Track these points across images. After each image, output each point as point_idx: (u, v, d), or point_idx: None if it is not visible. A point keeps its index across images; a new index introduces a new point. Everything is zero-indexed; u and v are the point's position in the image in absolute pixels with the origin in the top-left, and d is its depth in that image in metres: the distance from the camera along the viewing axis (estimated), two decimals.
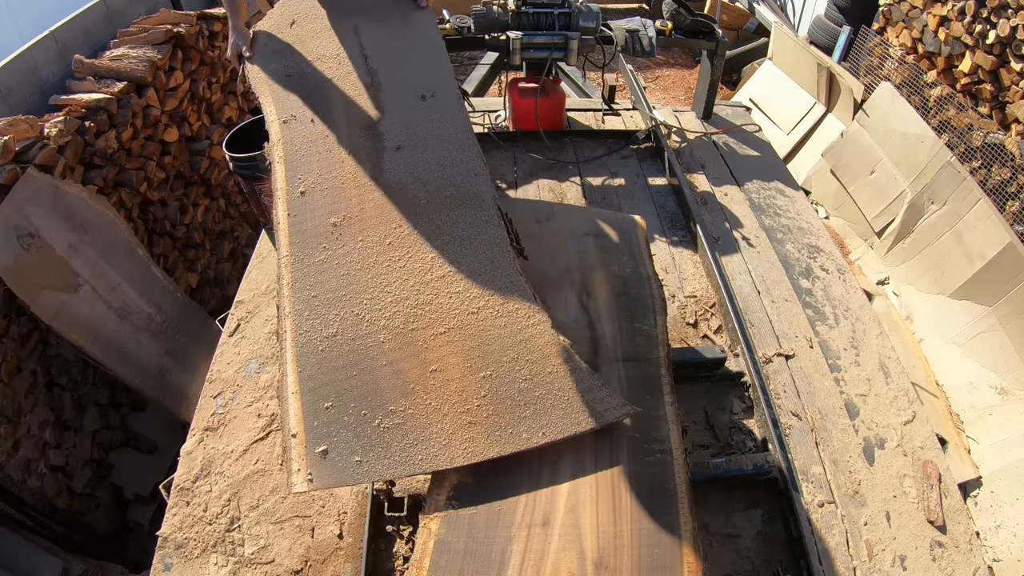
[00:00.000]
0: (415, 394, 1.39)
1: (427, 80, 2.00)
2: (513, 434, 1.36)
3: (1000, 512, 3.33)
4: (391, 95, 1.97)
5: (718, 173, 3.40)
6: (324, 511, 1.86)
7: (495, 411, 1.38)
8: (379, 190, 1.74)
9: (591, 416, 1.40)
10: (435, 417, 1.37)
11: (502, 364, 1.43)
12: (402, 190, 1.74)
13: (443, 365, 1.43)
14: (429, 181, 1.76)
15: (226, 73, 4.69)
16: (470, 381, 1.41)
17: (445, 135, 1.86)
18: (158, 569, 1.75)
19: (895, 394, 2.27)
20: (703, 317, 2.57)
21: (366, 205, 1.70)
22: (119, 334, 3.41)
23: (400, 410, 1.37)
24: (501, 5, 3.25)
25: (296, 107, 1.95)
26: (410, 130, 1.88)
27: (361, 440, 1.33)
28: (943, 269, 4.28)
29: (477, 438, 1.36)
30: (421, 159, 1.81)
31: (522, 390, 1.41)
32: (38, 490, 3.11)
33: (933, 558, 1.84)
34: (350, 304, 1.51)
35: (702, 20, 3.50)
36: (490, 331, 1.48)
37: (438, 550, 1.31)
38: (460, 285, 1.55)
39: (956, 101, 5.00)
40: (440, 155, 1.82)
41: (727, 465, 1.96)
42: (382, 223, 1.66)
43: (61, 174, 3.26)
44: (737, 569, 1.82)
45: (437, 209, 1.69)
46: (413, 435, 1.35)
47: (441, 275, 1.56)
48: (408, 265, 1.58)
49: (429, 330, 1.47)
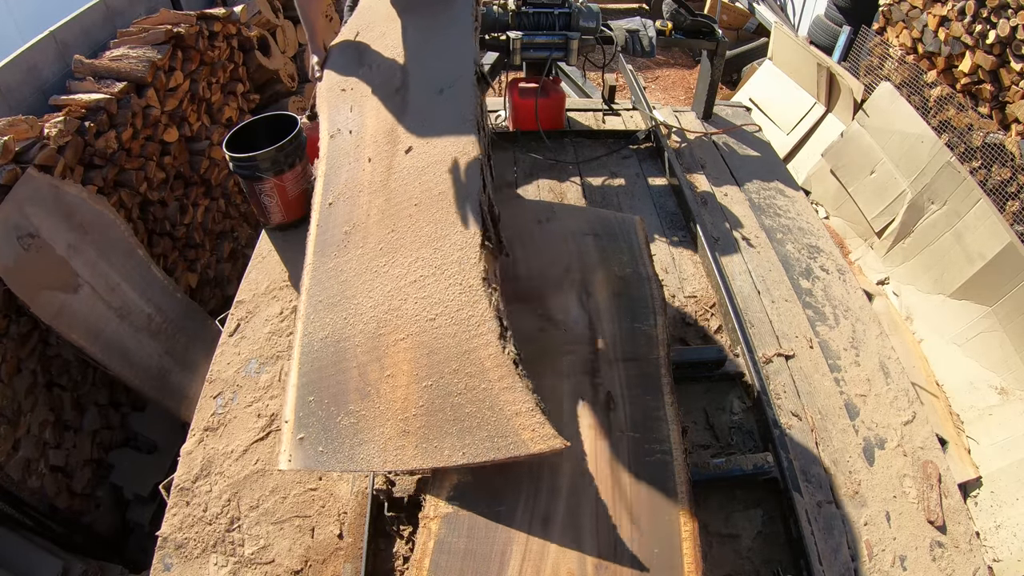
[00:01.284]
0: (370, 397, 1.42)
1: (449, 71, 2.01)
2: (437, 448, 1.34)
3: (1000, 512, 3.33)
4: (415, 94, 1.99)
5: (718, 173, 3.40)
6: (324, 511, 1.86)
7: (427, 423, 1.37)
8: (384, 195, 1.76)
9: (513, 444, 1.30)
10: (379, 422, 1.39)
11: (443, 375, 1.40)
12: (403, 193, 1.75)
13: (396, 371, 1.44)
14: (425, 181, 1.76)
15: (226, 73, 4.69)
16: (413, 390, 1.41)
17: (448, 129, 1.86)
18: (158, 569, 1.75)
19: (895, 394, 2.27)
20: (703, 317, 2.57)
21: (372, 212, 1.74)
22: (119, 334, 3.41)
23: (356, 411, 1.42)
24: (501, 5, 3.25)
25: (342, 120, 2.01)
26: (422, 129, 1.89)
27: (325, 433, 1.41)
28: (943, 269, 4.28)
29: (407, 447, 1.36)
30: (424, 159, 1.81)
31: (455, 404, 1.37)
32: (38, 490, 3.11)
33: (933, 558, 1.84)
34: (342, 309, 1.58)
35: (702, 20, 3.50)
36: (441, 340, 1.45)
37: (438, 550, 1.31)
38: (427, 291, 1.53)
39: (956, 101, 5.00)
40: (439, 151, 1.82)
41: (727, 465, 1.96)
42: (381, 229, 1.69)
43: (61, 174, 3.26)
44: (737, 569, 1.82)
45: (424, 210, 1.69)
46: (360, 436, 1.39)
47: (413, 280, 1.56)
48: (391, 271, 1.60)
49: (392, 335, 1.49)
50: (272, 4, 5.43)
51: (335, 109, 2.06)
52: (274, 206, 2.78)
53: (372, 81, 2.09)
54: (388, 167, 1.82)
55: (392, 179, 1.79)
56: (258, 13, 5.20)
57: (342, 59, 2.23)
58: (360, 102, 2.04)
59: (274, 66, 5.19)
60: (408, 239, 1.64)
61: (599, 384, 1.62)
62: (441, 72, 2.02)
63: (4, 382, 2.96)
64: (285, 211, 2.82)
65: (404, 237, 1.65)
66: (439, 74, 2.01)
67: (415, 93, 1.99)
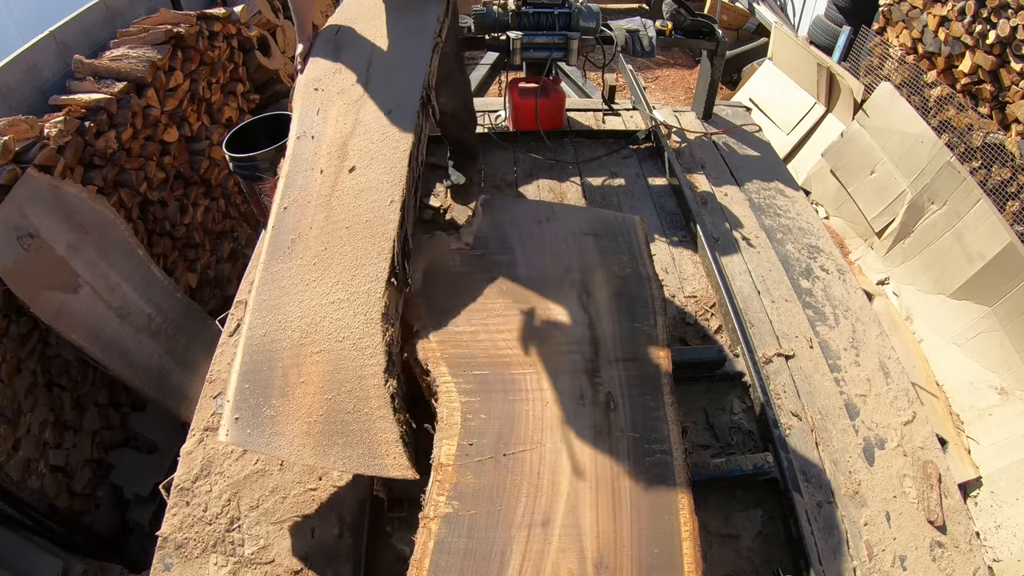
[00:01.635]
0: (287, 397, 1.62)
1: (399, 89, 2.03)
2: (326, 454, 1.53)
3: (1000, 512, 3.33)
4: (369, 109, 2.00)
5: (718, 173, 3.40)
6: (324, 511, 1.86)
7: (323, 430, 1.55)
8: (325, 212, 1.83)
9: (378, 466, 1.51)
10: (291, 419, 1.59)
11: (341, 393, 1.59)
12: (340, 213, 1.81)
13: (308, 380, 1.63)
14: (358, 206, 1.81)
15: (226, 73, 4.69)
16: (318, 399, 1.60)
17: (387, 155, 1.89)
18: (158, 569, 1.75)
19: (895, 394, 2.27)
20: (703, 317, 2.57)
21: (314, 225, 1.82)
22: (119, 334, 3.41)
23: (276, 406, 1.62)
24: (501, 5, 3.25)
25: (308, 123, 2.02)
26: (367, 148, 1.92)
27: (254, 419, 1.62)
28: (943, 269, 4.28)
29: (307, 446, 1.55)
30: (361, 182, 1.85)
31: (343, 420, 1.55)
32: (38, 490, 3.11)
33: (933, 558, 1.84)
34: (279, 313, 1.74)
35: (702, 20, 3.50)
36: (344, 361, 1.61)
37: (438, 550, 1.31)
38: (340, 314, 1.67)
39: (956, 101, 5.00)
40: (374, 178, 1.86)
41: (727, 465, 1.96)
42: (317, 244, 1.79)
43: (61, 174, 3.26)
44: (737, 569, 1.82)
45: (352, 235, 1.77)
46: (276, 428, 1.60)
47: (332, 301, 1.70)
48: (318, 287, 1.73)
49: (311, 347, 1.66)
50: (272, 4, 5.43)
51: (305, 109, 2.07)
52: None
53: (340, 85, 2.09)
54: (333, 183, 1.87)
55: (335, 196, 1.85)
56: (258, 13, 5.20)
57: (322, 53, 2.22)
58: (326, 106, 2.05)
59: (274, 66, 5.19)
60: (336, 260, 1.75)
61: (599, 384, 1.62)
62: (394, 90, 2.03)
63: (4, 382, 2.96)
64: None
65: (333, 257, 1.76)
66: (392, 92, 2.03)
67: (369, 108, 2.00)
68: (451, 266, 1.88)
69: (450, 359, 1.63)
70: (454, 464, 1.44)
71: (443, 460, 1.44)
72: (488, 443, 1.48)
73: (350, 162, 1.90)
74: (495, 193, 3.21)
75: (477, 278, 1.85)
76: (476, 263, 1.89)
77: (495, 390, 1.58)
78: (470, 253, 1.92)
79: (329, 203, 1.84)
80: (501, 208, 2.08)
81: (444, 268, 1.87)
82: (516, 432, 1.50)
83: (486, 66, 4.91)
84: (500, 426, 1.51)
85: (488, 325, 1.72)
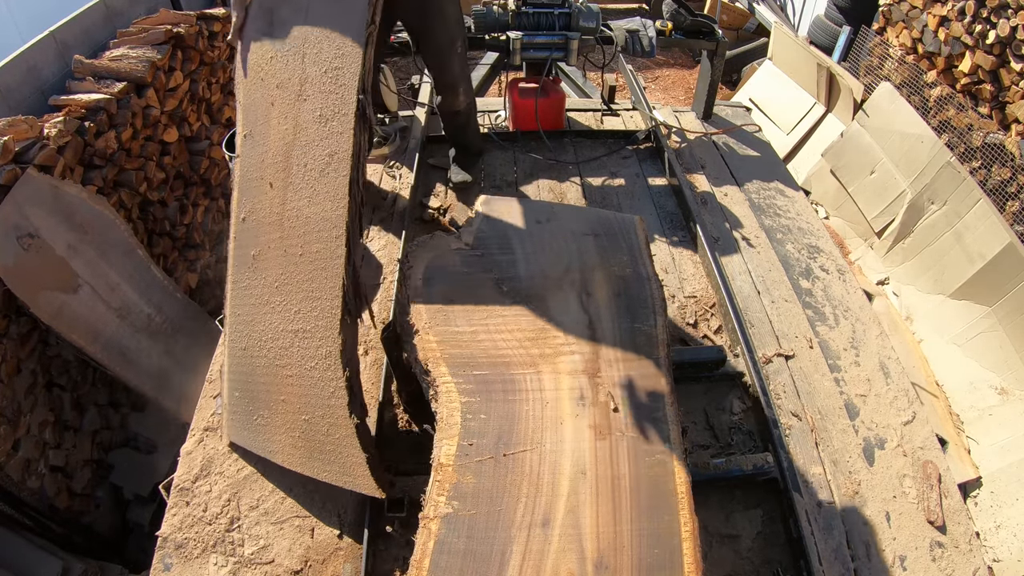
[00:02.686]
0: (272, 411, 1.79)
1: (335, 98, 1.72)
2: (311, 466, 1.75)
3: (1000, 512, 3.33)
4: (306, 114, 1.75)
5: (718, 173, 3.40)
6: (324, 511, 1.86)
7: (305, 444, 1.75)
8: (279, 232, 1.78)
9: (352, 483, 1.68)
10: (279, 431, 1.79)
11: (315, 415, 1.71)
12: (293, 236, 1.74)
13: (287, 399, 1.76)
14: (307, 232, 1.72)
15: (226, 73, 4.69)
16: (297, 418, 1.74)
17: (329, 181, 1.69)
18: (158, 569, 1.75)
19: (895, 394, 2.27)
20: (703, 317, 2.57)
21: (272, 244, 1.80)
22: (119, 334, 3.41)
23: (265, 416, 1.81)
24: (501, 5, 3.25)
25: (253, 119, 1.85)
26: (306, 167, 1.73)
27: (247, 423, 1.82)
28: (943, 269, 4.28)
29: (295, 455, 1.77)
30: (306, 204, 1.72)
31: (320, 440, 1.71)
32: (38, 490, 3.11)
33: (933, 558, 1.84)
34: (253, 330, 1.82)
35: (702, 20, 3.50)
36: (314, 387, 1.70)
37: (438, 550, 1.31)
38: (305, 343, 1.71)
39: (956, 101, 5.00)
40: (319, 203, 1.70)
41: (727, 465, 1.96)
42: (276, 267, 1.78)
43: (61, 174, 3.26)
44: (737, 569, 1.82)
45: (306, 263, 1.73)
46: (267, 435, 1.81)
47: (295, 329, 1.73)
48: (282, 312, 1.76)
49: (284, 370, 1.76)
50: None
51: (249, 101, 1.84)
52: None
53: (278, 76, 1.81)
54: (283, 200, 1.76)
55: (286, 216, 1.75)
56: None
57: (256, 31, 1.89)
58: (267, 102, 1.80)
59: None
60: (295, 287, 1.74)
61: (599, 384, 1.62)
62: (329, 95, 1.73)
63: (4, 382, 2.96)
64: None
65: (292, 283, 1.75)
66: (327, 97, 1.73)
67: (307, 113, 1.74)
68: (451, 266, 1.88)
69: (450, 359, 1.63)
70: (454, 464, 1.43)
71: (443, 460, 1.44)
72: (488, 443, 1.47)
73: (295, 176, 1.74)
74: (495, 193, 3.21)
75: (477, 278, 1.85)
76: (476, 263, 1.89)
77: (495, 390, 1.58)
78: (470, 253, 1.92)
79: (282, 223, 1.76)
80: (501, 208, 2.08)
81: (444, 268, 1.86)
82: (516, 432, 1.50)
83: (486, 66, 4.90)
84: (500, 426, 1.51)
85: (488, 325, 1.72)
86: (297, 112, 1.78)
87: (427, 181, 3.29)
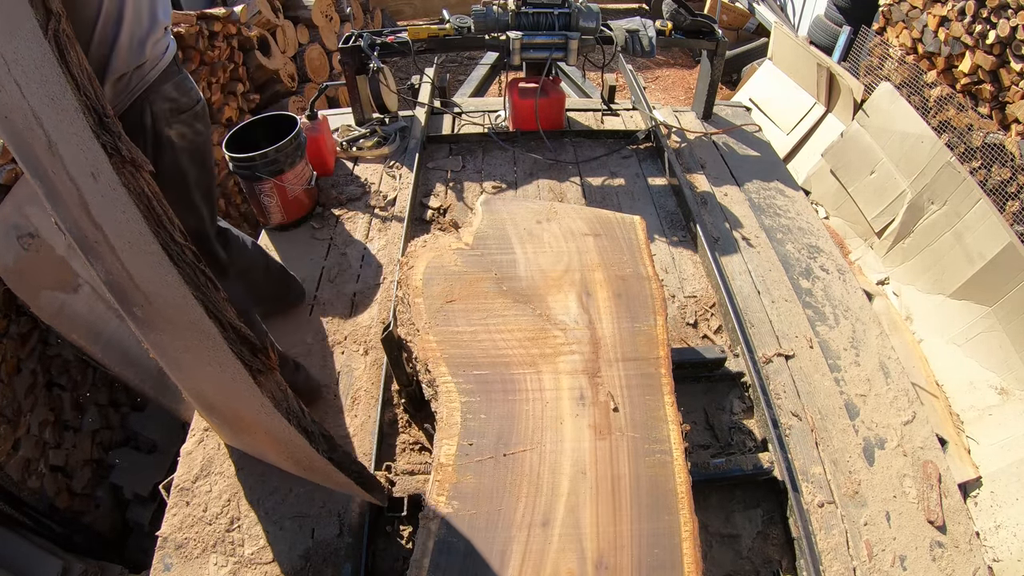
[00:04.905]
0: (254, 438, 1.78)
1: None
2: (306, 475, 1.78)
3: (1000, 512, 3.33)
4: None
5: (718, 173, 3.40)
6: (324, 511, 1.86)
7: (303, 470, 1.72)
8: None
9: (350, 490, 1.70)
10: (268, 453, 1.83)
11: (293, 454, 1.61)
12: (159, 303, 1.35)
13: (264, 443, 1.73)
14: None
15: (226, 73, 4.69)
16: (283, 456, 1.71)
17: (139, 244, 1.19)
18: (158, 569, 1.75)
19: (895, 394, 2.27)
20: (703, 317, 2.57)
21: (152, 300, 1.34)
22: (119, 334, 3.41)
23: (247, 440, 1.85)
24: (501, 5, 3.25)
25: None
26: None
27: (237, 442, 1.89)
28: (943, 269, 4.28)
29: (291, 468, 1.80)
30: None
31: (307, 468, 1.67)
32: (38, 490, 3.11)
33: (933, 558, 1.84)
34: (191, 378, 1.73)
35: (702, 20, 3.50)
36: (281, 433, 1.45)
37: (438, 550, 1.31)
38: (247, 394, 1.35)
39: (956, 101, 5.00)
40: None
41: (727, 465, 1.96)
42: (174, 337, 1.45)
43: None
44: (737, 569, 1.82)
45: (181, 315, 1.30)
46: (260, 453, 1.89)
47: (229, 379, 1.35)
48: (209, 368, 1.40)
49: (245, 420, 1.66)
50: (272, 4, 5.43)
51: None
52: (274, 206, 2.78)
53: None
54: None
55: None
56: (258, 13, 5.20)
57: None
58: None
59: (274, 66, 5.19)
60: (197, 342, 1.33)
61: (599, 384, 1.62)
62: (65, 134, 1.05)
63: (4, 382, 2.96)
64: (285, 211, 2.83)
65: (193, 337, 1.32)
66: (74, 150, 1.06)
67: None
68: (451, 266, 1.88)
69: (450, 359, 1.63)
70: (454, 464, 1.43)
71: (443, 460, 1.44)
72: (488, 443, 1.47)
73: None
74: (495, 193, 3.21)
75: (477, 278, 1.85)
76: (476, 263, 1.89)
77: (495, 390, 1.58)
78: (470, 253, 1.92)
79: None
80: (501, 208, 2.08)
81: (444, 268, 1.86)
82: (516, 432, 1.50)
83: (486, 66, 4.91)
84: (500, 426, 1.51)
85: (488, 325, 1.72)
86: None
87: (427, 181, 3.29)
